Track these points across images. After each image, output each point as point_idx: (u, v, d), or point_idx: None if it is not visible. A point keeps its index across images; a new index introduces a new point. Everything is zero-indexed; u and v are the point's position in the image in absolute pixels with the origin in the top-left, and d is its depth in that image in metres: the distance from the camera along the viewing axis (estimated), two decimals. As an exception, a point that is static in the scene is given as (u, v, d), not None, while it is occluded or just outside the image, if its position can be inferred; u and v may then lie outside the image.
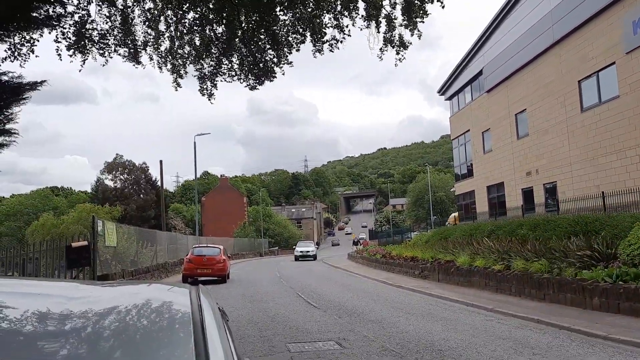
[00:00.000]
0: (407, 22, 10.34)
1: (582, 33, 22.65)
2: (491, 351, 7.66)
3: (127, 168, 70.07)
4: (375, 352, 7.79)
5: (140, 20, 11.07)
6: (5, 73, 6.93)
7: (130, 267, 21.59)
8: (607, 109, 20.97)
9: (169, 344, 1.16)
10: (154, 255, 26.48)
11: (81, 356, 1.06)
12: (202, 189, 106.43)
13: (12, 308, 1.39)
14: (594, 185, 21.31)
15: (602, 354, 7.38)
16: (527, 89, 27.47)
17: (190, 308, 1.37)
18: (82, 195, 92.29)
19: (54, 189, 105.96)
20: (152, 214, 64.19)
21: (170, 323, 1.31)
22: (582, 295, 11.01)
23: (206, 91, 12.24)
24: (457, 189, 39.18)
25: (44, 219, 55.16)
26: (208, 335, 1.17)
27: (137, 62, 11.52)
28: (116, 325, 1.27)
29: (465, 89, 36.50)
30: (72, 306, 1.38)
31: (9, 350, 1.05)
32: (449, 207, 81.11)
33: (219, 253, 23.17)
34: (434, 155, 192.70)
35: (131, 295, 1.58)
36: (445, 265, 18.31)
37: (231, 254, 36.64)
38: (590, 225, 14.63)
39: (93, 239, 17.12)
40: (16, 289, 1.68)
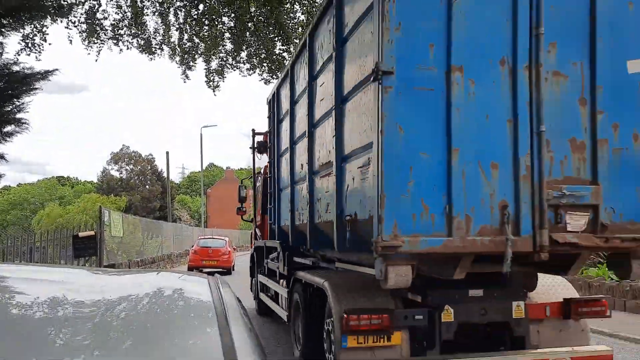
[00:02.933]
0: None
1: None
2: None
3: (133, 159, 70.32)
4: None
5: (150, 12, 11.10)
6: (16, 63, 6.98)
7: (136, 258, 21.71)
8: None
9: (194, 330, 1.16)
10: (160, 246, 26.62)
11: (106, 342, 1.06)
12: (208, 181, 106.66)
13: (25, 295, 1.39)
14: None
15: (608, 351, 7.36)
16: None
17: (211, 296, 1.38)
18: (88, 186, 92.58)
19: (60, 179, 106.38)
20: (157, 205, 64.46)
21: (195, 311, 1.32)
22: (588, 292, 11.00)
23: (212, 83, 12.27)
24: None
25: (50, 208, 55.49)
26: (231, 323, 1.17)
27: (151, 53, 11.55)
28: (139, 312, 1.27)
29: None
30: (87, 292, 1.38)
31: (25, 336, 1.05)
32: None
33: (224, 245, 23.27)
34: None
35: (150, 283, 1.59)
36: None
37: (236, 245, 36.79)
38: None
39: (100, 228, 17.22)
40: (29, 274, 1.69)
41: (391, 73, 3.81)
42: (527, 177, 4.04)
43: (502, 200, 4.00)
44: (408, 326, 4.66)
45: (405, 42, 3.89)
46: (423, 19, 3.95)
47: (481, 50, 4.06)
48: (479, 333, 4.92)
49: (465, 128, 3.96)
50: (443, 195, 3.91)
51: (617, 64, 4.22)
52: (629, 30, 4.26)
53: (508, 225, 3.93)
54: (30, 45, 9.56)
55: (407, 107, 3.91)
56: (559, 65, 4.16)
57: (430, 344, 4.67)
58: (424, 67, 3.94)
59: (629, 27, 4.26)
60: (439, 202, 3.91)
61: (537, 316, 4.90)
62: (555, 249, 3.98)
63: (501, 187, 4.02)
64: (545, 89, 4.08)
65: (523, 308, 4.73)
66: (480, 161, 3.99)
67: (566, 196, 4.05)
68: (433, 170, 3.94)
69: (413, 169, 3.88)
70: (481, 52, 4.06)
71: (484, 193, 3.98)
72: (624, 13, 4.24)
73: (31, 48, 9.64)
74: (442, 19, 3.94)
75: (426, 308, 4.63)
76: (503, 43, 4.08)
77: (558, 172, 4.12)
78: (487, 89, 4.06)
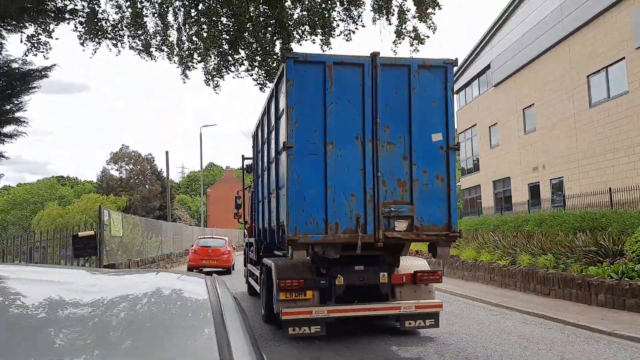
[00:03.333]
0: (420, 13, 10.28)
1: (592, 28, 22.49)
2: (496, 345, 7.67)
3: (133, 158, 70.26)
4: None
5: (149, 12, 11.08)
6: (15, 60, 6.97)
7: (135, 257, 21.70)
8: (616, 104, 20.84)
9: (190, 330, 1.17)
10: (159, 246, 26.61)
11: (105, 342, 1.06)
12: (208, 181, 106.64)
13: (25, 295, 1.39)
14: (601, 182, 21.22)
15: (607, 350, 7.38)
16: (536, 84, 27.32)
17: (208, 296, 1.38)
18: (87, 185, 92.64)
19: (60, 179, 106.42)
20: (157, 205, 64.42)
21: (191, 310, 1.32)
22: (588, 291, 11.00)
23: (212, 82, 12.25)
24: (463, 183, 39.11)
25: (50, 208, 55.49)
26: (228, 323, 1.18)
27: (149, 55, 11.53)
28: (136, 312, 1.27)
29: (473, 83, 36.32)
30: (86, 293, 1.38)
31: (25, 336, 1.05)
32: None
33: (224, 244, 23.26)
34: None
35: (148, 283, 1.59)
36: (450, 260, 18.30)
37: (236, 245, 36.76)
38: (596, 221, 14.59)
39: (99, 228, 17.21)
40: (29, 275, 1.69)
41: (292, 147, 7.04)
42: (371, 201, 7.21)
43: (357, 214, 7.16)
44: (316, 287, 7.81)
45: (300, 131, 7.09)
46: (310, 117, 7.12)
47: (344, 132, 7.21)
48: (359, 291, 8.03)
49: (335, 175, 7.14)
50: (323, 211, 7.06)
51: (424, 136, 7.38)
52: (431, 117, 7.43)
53: (359, 228, 7.09)
54: (37, 44, 9.58)
55: (302, 165, 7.09)
56: (391, 138, 7.35)
57: (330, 297, 7.87)
58: (311, 142, 7.12)
59: (431, 115, 7.44)
60: (320, 216, 7.05)
61: (398, 282, 8.18)
62: (387, 241, 7.19)
63: (356, 207, 7.19)
64: (382, 152, 7.28)
65: (387, 277, 7.91)
66: (344, 192, 7.17)
67: (394, 211, 7.22)
68: (317, 198, 7.07)
69: (306, 198, 7.08)
70: (344, 132, 7.21)
71: (346, 210, 7.14)
72: (429, 107, 7.45)
73: (37, 47, 9.66)
74: (321, 116, 7.15)
75: (327, 277, 7.80)
76: (357, 127, 7.26)
77: (389, 198, 7.29)
78: (348, 153, 7.23)
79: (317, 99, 7.17)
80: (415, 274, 8.22)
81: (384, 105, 7.30)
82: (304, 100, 7.15)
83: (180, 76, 12.33)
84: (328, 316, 7.65)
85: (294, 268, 7.97)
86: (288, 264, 8.11)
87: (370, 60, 7.40)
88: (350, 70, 7.37)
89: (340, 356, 7.19)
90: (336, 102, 7.18)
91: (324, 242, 7.17)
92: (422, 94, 7.42)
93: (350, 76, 7.34)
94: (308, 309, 7.61)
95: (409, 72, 7.49)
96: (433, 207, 7.39)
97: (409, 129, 7.36)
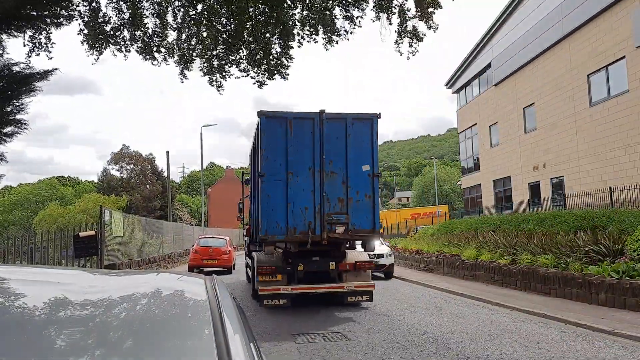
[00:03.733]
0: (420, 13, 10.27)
1: (592, 27, 22.48)
2: (497, 345, 7.68)
3: (134, 159, 70.28)
4: (380, 344, 7.83)
5: (149, 13, 11.07)
6: (16, 63, 6.98)
7: (136, 257, 21.71)
8: (617, 103, 20.83)
9: (188, 331, 1.17)
10: (160, 246, 26.61)
11: (100, 344, 1.07)
12: (208, 180, 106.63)
13: (25, 296, 1.40)
14: (601, 181, 21.22)
15: (608, 349, 7.38)
16: (536, 83, 27.32)
17: (207, 296, 1.39)
18: (88, 185, 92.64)
19: (61, 179, 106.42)
20: (157, 205, 64.43)
21: (190, 311, 1.32)
22: (588, 290, 11.00)
23: (215, 82, 12.23)
24: (464, 182, 39.11)
25: (51, 208, 55.47)
26: (226, 324, 1.18)
27: (152, 57, 11.52)
28: (134, 313, 1.28)
29: (473, 82, 36.31)
30: (86, 294, 1.39)
31: (25, 337, 1.06)
32: (454, 201, 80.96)
33: (225, 244, 23.25)
34: (440, 149, 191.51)
35: (148, 283, 1.60)
36: (450, 259, 18.31)
37: (237, 245, 36.74)
38: (597, 220, 14.58)
39: (100, 228, 17.22)
40: (30, 276, 1.70)
41: (264, 175, 10.13)
42: (319, 212, 10.28)
43: (309, 221, 10.21)
44: (284, 272, 10.81)
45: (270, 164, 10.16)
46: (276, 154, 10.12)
47: (300, 164, 10.15)
48: (316, 275, 11.00)
49: (294, 194, 10.18)
50: (285, 219, 10.15)
51: (357, 167, 10.31)
52: (362, 154, 10.36)
53: (310, 231, 10.18)
54: (38, 45, 9.58)
55: (271, 187, 10.17)
56: (333, 169, 10.32)
57: (294, 279, 10.83)
58: (276, 172, 10.11)
59: (362, 152, 10.35)
60: (283, 222, 10.14)
61: (344, 269, 11.10)
62: (330, 239, 10.25)
63: (308, 216, 10.21)
64: (327, 179, 10.28)
65: (334, 265, 10.89)
66: (300, 206, 10.19)
67: (334, 219, 10.22)
68: (281, 210, 10.15)
69: (273, 210, 10.21)
70: (300, 165, 10.15)
71: (301, 218, 10.19)
72: (360, 147, 10.39)
73: (39, 48, 9.66)
74: (284, 154, 10.15)
75: (292, 265, 10.78)
76: (309, 161, 10.20)
77: (332, 210, 10.32)
78: (303, 180, 10.23)
79: (282, 142, 10.39)
80: (356, 263, 11.27)
81: (328, 146, 10.51)
82: (272, 144, 10.39)
83: (179, 76, 12.31)
84: (292, 292, 10.91)
85: (269, 259, 11.09)
86: (266, 256, 11.15)
87: (318, 115, 10.62)
88: (304, 122, 10.58)
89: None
90: (294, 144, 10.41)
91: (285, 240, 10.67)
92: (355, 138, 10.57)
93: (305, 126, 10.53)
94: (277, 287, 10.79)
95: (346, 123, 10.60)
96: (362, 217, 10.58)
97: (346, 163, 10.55)
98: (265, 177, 10.36)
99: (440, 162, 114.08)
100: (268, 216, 10.35)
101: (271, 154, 10.34)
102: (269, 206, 10.37)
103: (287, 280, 10.96)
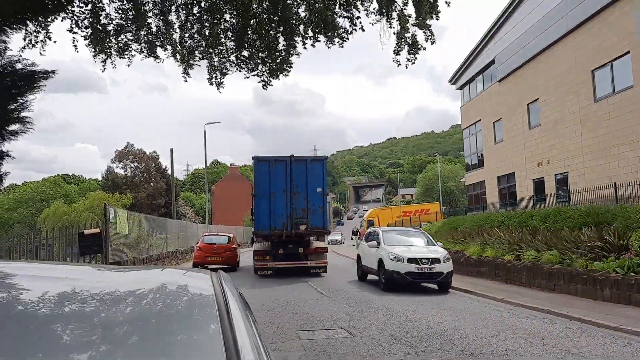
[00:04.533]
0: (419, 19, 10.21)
1: (596, 22, 22.37)
2: (501, 341, 7.67)
3: (138, 156, 70.39)
4: (385, 340, 7.83)
5: (152, 12, 11.05)
6: (19, 60, 6.99)
7: (141, 255, 21.79)
8: (621, 98, 20.73)
9: (196, 326, 1.18)
10: (165, 243, 26.68)
11: (110, 338, 1.07)
12: (212, 178, 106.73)
13: (33, 291, 1.41)
14: (606, 176, 21.13)
15: (613, 345, 7.37)
16: (540, 79, 27.22)
17: (213, 292, 1.39)
18: (93, 183, 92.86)
19: (65, 177, 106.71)
20: (162, 202, 64.55)
21: (197, 306, 1.32)
22: (593, 286, 10.98)
23: (215, 80, 12.21)
24: (468, 179, 39.03)
25: (56, 206, 55.61)
26: (234, 319, 1.18)
27: (155, 56, 11.50)
28: (142, 308, 1.28)
29: (477, 78, 36.20)
30: (93, 289, 1.39)
31: (32, 332, 1.06)
32: (458, 198, 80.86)
33: (229, 241, 23.27)
34: (444, 145, 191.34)
35: (155, 279, 1.60)
36: (454, 255, 18.29)
37: (241, 242, 36.73)
38: (601, 216, 14.52)
39: (105, 226, 17.27)
40: (36, 272, 1.70)
41: (256, 195, 17.97)
42: (289, 217, 17.89)
43: (284, 222, 17.87)
44: (270, 254, 18.23)
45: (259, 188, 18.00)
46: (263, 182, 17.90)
47: (278, 188, 17.77)
48: (291, 256, 18.22)
49: (274, 206, 17.84)
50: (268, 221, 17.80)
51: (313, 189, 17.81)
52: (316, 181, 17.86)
53: (284, 228, 17.82)
54: (34, 41, 9.58)
55: (261, 202, 17.97)
56: (298, 191, 17.89)
57: (277, 259, 18.22)
58: (264, 192, 17.82)
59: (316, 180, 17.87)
60: (268, 223, 17.81)
61: (309, 252, 18.36)
62: (297, 233, 17.94)
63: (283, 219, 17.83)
64: (294, 197, 17.87)
65: (302, 250, 18.22)
66: (278, 214, 17.84)
67: (299, 222, 17.79)
68: (266, 216, 17.79)
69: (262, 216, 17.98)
70: (278, 188, 17.76)
71: (279, 221, 17.82)
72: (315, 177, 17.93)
73: (34, 44, 9.65)
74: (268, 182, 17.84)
75: (275, 250, 18.15)
76: (283, 186, 17.74)
77: (298, 215, 17.86)
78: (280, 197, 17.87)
79: (266, 175, 17.66)
80: (316, 249, 18.42)
81: (295, 176, 17.62)
82: (261, 176, 17.83)
83: (182, 74, 12.30)
84: (275, 266, 18.17)
85: (261, 247, 18.68)
86: (260, 245, 18.81)
87: (289, 158, 18.10)
88: (280, 162, 17.98)
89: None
90: (274, 176, 17.61)
91: (268, 234, 17.81)
92: (312, 172, 17.71)
93: (280, 165, 17.89)
94: (266, 263, 18.15)
95: (306, 162, 18.04)
96: (317, 220, 17.83)
97: (306, 187, 17.76)
98: (257, 195, 18.07)
99: (444, 159, 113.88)
100: (258, 219, 18.10)
101: (260, 181, 18.05)
102: (259, 213, 18.04)
103: (272, 259, 18.39)
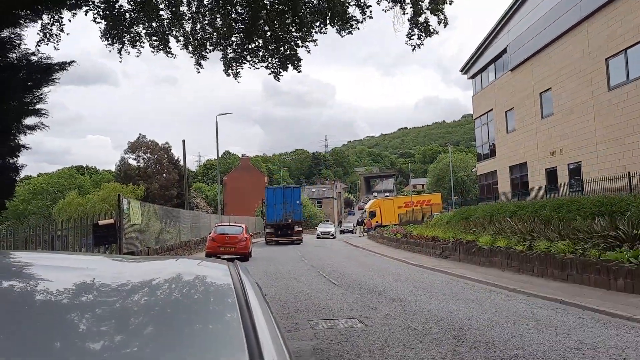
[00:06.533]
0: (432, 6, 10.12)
1: (610, 9, 22.05)
2: (514, 330, 7.68)
3: (150, 148, 70.78)
4: (397, 330, 7.88)
5: (163, 4, 11.07)
6: (34, 53, 7.06)
7: (154, 245, 21.99)
8: (636, 87, 20.47)
9: (215, 316, 1.20)
10: (178, 234, 26.90)
11: (128, 327, 1.10)
12: (224, 169, 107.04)
13: (49, 281, 1.43)
14: (619, 166, 20.93)
15: (627, 335, 7.35)
16: (553, 67, 26.93)
17: (232, 281, 1.41)
18: (106, 174, 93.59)
19: (79, 168, 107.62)
20: (174, 193, 64.95)
21: (215, 296, 1.35)
22: (607, 276, 10.92)
23: (232, 71, 12.20)
24: (479, 169, 38.83)
25: (70, 197, 56.19)
26: (252, 309, 1.21)
27: (168, 51, 11.53)
28: (159, 297, 1.31)
29: (489, 68, 35.88)
30: (110, 278, 1.41)
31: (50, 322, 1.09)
32: (470, 188, 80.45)
33: (241, 231, 23.42)
34: (455, 135, 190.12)
35: (171, 269, 1.63)
36: (466, 245, 18.27)
37: (252, 232, 37.14)
38: (615, 205, 14.42)
39: (119, 217, 17.44)
40: (52, 262, 1.73)
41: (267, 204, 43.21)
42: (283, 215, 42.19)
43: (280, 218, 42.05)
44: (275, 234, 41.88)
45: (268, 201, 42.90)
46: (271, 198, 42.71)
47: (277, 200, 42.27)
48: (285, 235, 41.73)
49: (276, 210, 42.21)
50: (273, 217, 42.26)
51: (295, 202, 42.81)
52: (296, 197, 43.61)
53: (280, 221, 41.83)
54: (49, 35, 9.66)
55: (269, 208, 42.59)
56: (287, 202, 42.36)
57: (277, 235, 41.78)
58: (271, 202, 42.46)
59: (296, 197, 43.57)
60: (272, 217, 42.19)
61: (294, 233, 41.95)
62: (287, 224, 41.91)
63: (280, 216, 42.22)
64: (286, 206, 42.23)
65: (292, 233, 41.80)
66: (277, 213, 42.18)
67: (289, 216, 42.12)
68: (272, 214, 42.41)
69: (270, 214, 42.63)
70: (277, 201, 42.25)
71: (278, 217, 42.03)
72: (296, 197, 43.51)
73: (49, 38, 9.74)
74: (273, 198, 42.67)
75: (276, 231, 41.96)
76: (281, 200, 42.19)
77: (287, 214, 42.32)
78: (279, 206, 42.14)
79: (272, 195, 42.67)
80: (297, 231, 41.42)
81: (286, 196, 42.51)
82: (270, 196, 42.70)
83: (194, 66, 12.32)
84: (277, 240, 40.57)
85: (270, 230, 41.74)
86: (269, 229, 41.91)
87: (284, 186, 51.49)
88: (279, 189, 45.66)
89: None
90: (276, 196, 42.46)
91: (272, 224, 41.57)
92: (294, 193, 43.64)
93: (279, 189, 45.10)
94: (272, 238, 40.99)
95: (292, 188, 45.81)
96: (297, 216, 42.45)
97: (291, 200, 42.25)
98: (267, 204, 42.02)
99: (456, 149, 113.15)
100: (268, 215, 41.95)
101: (269, 197, 42.08)
102: (268, 213, 41.74)
103: (275, 236, 40.40)
